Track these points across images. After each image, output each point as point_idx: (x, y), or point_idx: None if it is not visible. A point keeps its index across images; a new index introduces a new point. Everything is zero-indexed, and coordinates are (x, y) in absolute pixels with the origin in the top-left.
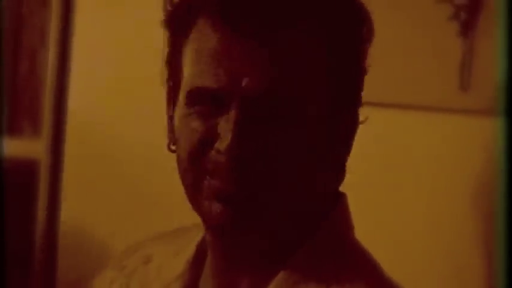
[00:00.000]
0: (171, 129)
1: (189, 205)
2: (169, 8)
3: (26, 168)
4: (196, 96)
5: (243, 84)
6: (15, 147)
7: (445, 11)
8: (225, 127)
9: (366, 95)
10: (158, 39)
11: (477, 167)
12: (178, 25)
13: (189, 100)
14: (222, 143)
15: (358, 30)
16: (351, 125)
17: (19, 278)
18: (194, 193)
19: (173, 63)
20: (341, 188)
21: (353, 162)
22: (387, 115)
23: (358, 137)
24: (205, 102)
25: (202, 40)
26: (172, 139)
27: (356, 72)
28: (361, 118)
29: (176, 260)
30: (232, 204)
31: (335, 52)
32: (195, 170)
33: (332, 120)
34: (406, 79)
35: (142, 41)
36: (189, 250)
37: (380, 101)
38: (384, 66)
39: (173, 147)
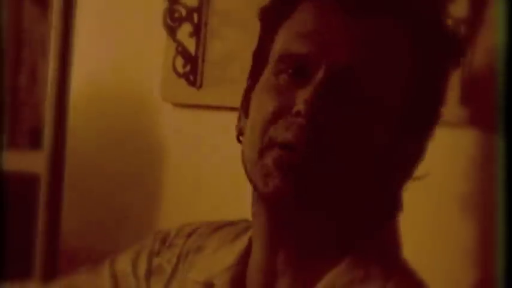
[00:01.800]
0: (243, 119)
1: (184, 217)
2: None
3: (27, 182)
4: (283, 63)
5: (332, 53)
6: (16, 161)
7: None
8: (306, 92)
9: None
10: (159, 54)
11: (476, 180)
12: (278, 12)
13: (276, 68)
14: (301, 104)
15: (448, 56)
16: (414, 154)
17: None
18: (256, 165)
19: (261, 55)
20: None
21: None
22: None
23: None
24: (290, 71)
25: (301, 19)
26: (243, 129)
27: (434, 97)
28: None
29: (227, 254)
30: (292, 176)
31: (421, 64)
32: (263, 141)
33: (399, 136)
34: None
35: (143, 54)
36: (241, 243)
37: None
38: None
39: (242, 138)
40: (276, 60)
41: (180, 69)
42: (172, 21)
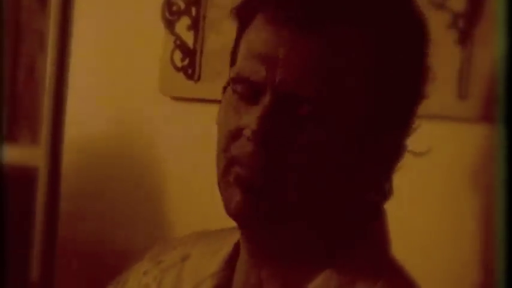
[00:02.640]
0: None
1: (183, 218)
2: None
3: (25, 175)
4: (235, 84)
5: (278, 76)
6: (14, 155)
7: (444, 19)
8: (254, 114)
9: None
10: (157, 48)
11: (476, 174)
12: (242, 17)
13: (232, 87)
14: (249, 129)
15: (414, 45)
16: (393, 150)
17: (18, 283)
18: (221, 182)
19: (233, 56)
20: None
21: None
22: None
23: None
24: (245, 92)
25: (254, 34)
26: None
27: (408, 92)
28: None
29: (213, 259)
30: (252, 194)
31: (385, 64)
32: (226, 158)
33: (369, 137)
34: None
35: (142, 47)
36: (226, 249)
37: None
38: None
39: None
40: (230, 79)
41: (178, 63)
42: (170, 15)
